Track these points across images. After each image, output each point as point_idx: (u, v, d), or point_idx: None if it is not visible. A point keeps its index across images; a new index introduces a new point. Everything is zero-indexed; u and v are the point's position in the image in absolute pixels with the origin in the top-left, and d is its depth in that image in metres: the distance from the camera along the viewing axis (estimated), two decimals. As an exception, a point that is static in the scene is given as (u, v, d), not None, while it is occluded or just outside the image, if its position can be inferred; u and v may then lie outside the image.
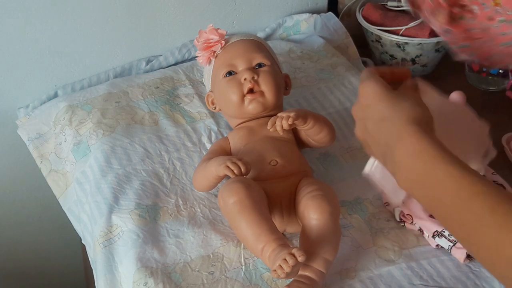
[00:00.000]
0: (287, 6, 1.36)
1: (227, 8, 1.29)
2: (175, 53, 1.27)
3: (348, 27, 1.35)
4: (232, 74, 0.97)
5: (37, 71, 1.19)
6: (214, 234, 0.90)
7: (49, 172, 1.09)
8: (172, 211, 0.94)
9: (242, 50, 0.99)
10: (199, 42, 1.01)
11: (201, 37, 1.00)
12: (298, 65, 1.22)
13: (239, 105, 0.96)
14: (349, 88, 1.18)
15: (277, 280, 0.83)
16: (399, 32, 1.28)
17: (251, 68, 0.97)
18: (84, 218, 0.98)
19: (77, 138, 1.07)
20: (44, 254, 1.49)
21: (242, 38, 1.02)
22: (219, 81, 0.98)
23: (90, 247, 0.96)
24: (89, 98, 1.15)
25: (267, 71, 0.97)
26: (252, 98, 0.95)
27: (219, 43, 1.00)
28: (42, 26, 1.14)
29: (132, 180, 0.98)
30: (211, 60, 1.01)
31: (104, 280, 0.88)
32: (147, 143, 1.05)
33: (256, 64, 0.98)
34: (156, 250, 0.88)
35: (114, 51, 1.24)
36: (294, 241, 0.88)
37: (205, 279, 0.84)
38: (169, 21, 1.25)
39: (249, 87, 0.95)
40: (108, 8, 1.18)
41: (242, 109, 0.96)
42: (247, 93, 0.95)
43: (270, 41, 1.32)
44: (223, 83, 0.97)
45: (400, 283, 0.83)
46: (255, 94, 0.95)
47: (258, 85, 0.96)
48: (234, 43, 1.01)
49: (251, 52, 0.99)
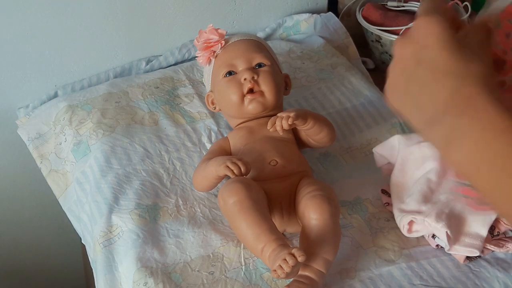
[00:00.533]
0: (287, 6, 1.36)
1: (227, 8, 1.29)
2: (175, 53, 1.27)
3: (348, 27, 1.35)
4: (232, 74, 0.97)
5: (37, 71, 1.19)
6: (214, 234, 0.90)
7: (49, 172, 1.09)
8: (172, 211, 0.94)
9: (242, 50, 0.99)
10: (199, 42, 1.00)
11: (201, 37, 1.00)
12: (298, 65, 1.22)
13: (239, 105, 0.96)
14: (349, 88, 1.17)
15: (277, 280, 0.83)
16: (399, 32, 1.28)
17: (251, 68, 0.97)
18: (84, 218, 0.98)
19: (77, 138, 1.07)
20: (44, 254, 1.49)
21: (242, 38, 1.02)
22: (219, 81, 0.98)
23: (90, 247, 0.96)
24: (89, 98, 1.15)
25: (267, 71, 0.97)
26: (252, 98, 0.95)
27: (219, 43, 0.99)
28: (42, 26, 1.14)
29: (132, 180, 0.98)
30: (211, 60, 1.01)
31: (104, 280, 0.88)
32: (147, 143, 1.05)
33: (256, 64, 0.98)
34: (156, 250, 0.88)
35: (114, 51, 1.24)
36: (294, 241, 0.88)
37: (205, 279, 0.84)
38: (169, 21, 1.25)
39: (249, 87, 0.95)
40: (108, 8, 1.18)
41: (242, 109, 0.96)
42: (247, 93, 0.95)
43: (270, 41, 1.32)
44: (223, 83, 0.97)
45: (400, 283, 0.83)
46: (255, 94, 0.95)
47: (258, 85, 0.96)
48: (234, 43, 1.01)
49: (251, 52, 0.99)
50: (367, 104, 1.14)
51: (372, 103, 1.14)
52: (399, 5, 1.35)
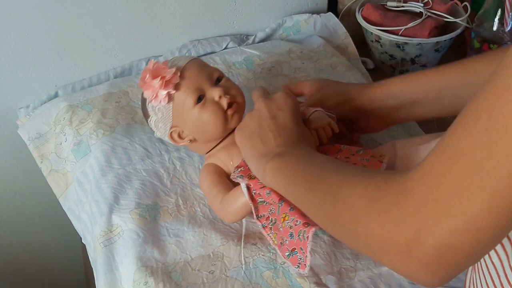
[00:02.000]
0: (287, 6, 1.36)
1: (227, 8, 1.29)
2: (175, 53, 1.27)
3: (347, 27, 1.35)
4: (201, 99, 0.91)
5: (38, 71, 1.19)
6: (214, 233, 0.90)
7: (49, 172, 1.10)
8: (172, 210, 0.94)
9: (198, 69, 0.92)
10: (152, 81, 0.89)
11: (152, 74, 0.89)
12: (298, 65, 1.22)
13: (224, 124, 0.91)
14: (349, 88, 1.18)
15: (277, 279, 0.83)
16: (399, 32, 1.28)
17: (215, 83, 0.93)
18: (84, 217, 0.99)
19: (77, 138, 1.07)
20: (44, 253, 1.49)
21: (186, 61, 0.93)
22: (191, 111, 0.90)
23: (90, 246, 0.96)
24: (89, 98, 1.15)
25: (229, 81, 0.94)
26: (233, 111, 0.91)
27: (176, 74, 0.89)
28: (42, 26, 1.14)
29: (132, 179, 0.98)
30: (171, 97, 0.90)
31: (104, 280, 0.88)
32: (147, 142, 1.05)
33: (216, 79, 0.93)
34: (156, 249, 0.88)
35: (114, 51, 1.24)
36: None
37: (205, 278, 0.84)
38: (169, 21, 1.25)
39: (227, 102, 0.90)
40: (108, 8, 1.18)
41: (226, 126, 0.91)
42: (228, 108, 0.91)
43: (270, 41, 1.32)
44: (198, 110, 0.90)
45: (400, 283, 0.83)
46: (234, 106, 0.91)
47: (232, 97, 0.92)
48: (187, 67, 0.92)
49: (206, 69, 0.93)
50: (366, 104, 1.14)
51: (372, 103, 1.14)
52: (398, 5, 1.35)
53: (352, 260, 0.86)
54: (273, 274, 0.84)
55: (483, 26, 1.25)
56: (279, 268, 0.84)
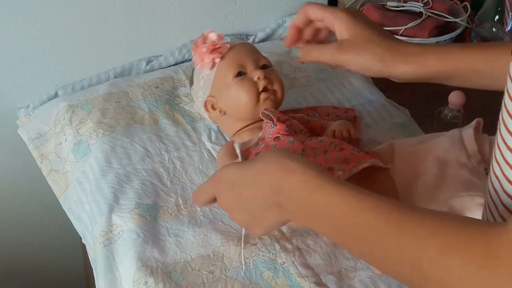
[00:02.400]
0: (287, 6, 1.36)
1: (227, 8, 1.29)
2: (175, 53, 1.27)
3: (347, 27, 1.35)
4: (241, 75, 0.97)
5: (37, 71, 1.19)
6: (214, 233, 0.90)
7: (49, 171, 1.09)
8: (172, 210, 0.94)
9: (248, 51, 1.00)
10: (202, 45, 0.98)
11: (206, 40, 0.99)
12: (298, 65, 1.23)
13: (254, 104, 0.96)
14: (349, 88, 1.18)
15: (277, 279, 0.83)
16: (399, 32, 1.28)
17: (260, 68, 0.98)
18: (84, 217, 0.99)
19: (77, 138, 1.07)
20: (44, 253, 1.49)
21: (241, 42, 1.02)
22: (229, 83, 0.97)
23: (90, 246, 0.96)
24: (89, 98, 1.15)
25: (274, 72, 1.00)
26: (267, 96, 0.96)
27: (225, 46, 0.99)
28: (42, 26, 1.14)
29: (132, 179, 0.98)
30: (215, 64, 0.99)
31: (104, 280, 0.88)
32: (147, 142, 1.05)
33: (261, 65, 0.99)
34: (156, 249, 0.88)
35: (114, 51, 1.24)
36: (294, 240, 0.88)
37: (205, 278, 0.84)
38: (169, 21, 1.25)
39: (264, 85, 0.96)
40: (108, 8, 1.18)
41: (256, 108, 0.96)
42: (262, 91, 0.96)
43: (270, 41, 1.33)
44: (235, 83, 0.97)
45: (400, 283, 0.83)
46: (269, 92, 0.96)
47: (270, 84, 0.97)
48: (238, 45, 1.01)
49: (256, 54, 1.00)
50: (366, 104, 1.14)
51: (372, 103, 1.14)
52: (398, 5, 1.35)
53: (352, 260, 0.86)
54: (273, 274, 0.84)
55: (483, 26, 1.26)
56: (279, 268, 0.84)
